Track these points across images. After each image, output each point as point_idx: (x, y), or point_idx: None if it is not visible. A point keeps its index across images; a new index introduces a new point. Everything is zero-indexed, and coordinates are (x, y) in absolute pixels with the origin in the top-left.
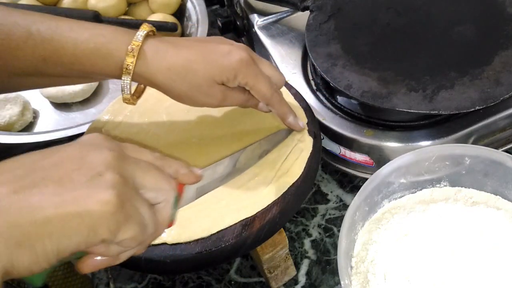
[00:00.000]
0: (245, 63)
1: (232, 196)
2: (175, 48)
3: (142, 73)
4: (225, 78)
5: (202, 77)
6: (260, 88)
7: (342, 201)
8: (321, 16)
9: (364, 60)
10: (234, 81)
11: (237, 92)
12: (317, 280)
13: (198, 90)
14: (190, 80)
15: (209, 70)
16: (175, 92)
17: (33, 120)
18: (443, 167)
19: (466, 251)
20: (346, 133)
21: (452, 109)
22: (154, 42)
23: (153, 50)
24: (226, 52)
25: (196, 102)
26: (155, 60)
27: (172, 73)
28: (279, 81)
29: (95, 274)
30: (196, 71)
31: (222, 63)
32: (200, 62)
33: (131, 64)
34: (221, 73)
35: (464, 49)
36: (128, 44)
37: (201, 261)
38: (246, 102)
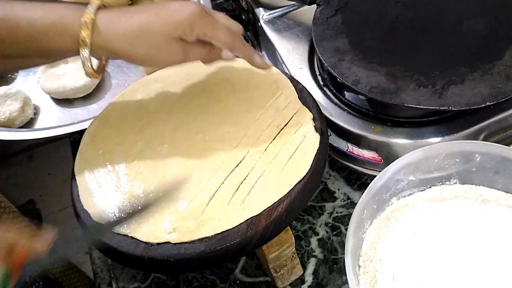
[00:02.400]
0: (198, 14)
1: (237, 194)
2: (128, 14)
3: (99, 43)
4: (181, 32)
5: (159, 36)
6: (220, 35)
7: (350, 198)
8: (328, 10)
9: (372, 55)
10: (192, 34)
11: (197, 46)
12: (324, 280)
13: (158, 49)
14: (148, 41)
15: (165, 27)
16: (136, 56)
17: (34, 116)
18: (453, 164)
19: (477, 250)
20: (354, 129)
21: (462, 105)
22: (107, 12)
23: (106, 19)
24: (177, 7)
25: (158, 62)
26: (110, 29)
27: (129, 38)
28: (237, 30)
29: (97, 273)
30: (152, 31)
31: (175, 18)
32: (155, 22)
33: (86, 36)
34: (176, 28)
35: (474, 43)
36: (81, 17)
37: (206, 260)
38: (208, 55)
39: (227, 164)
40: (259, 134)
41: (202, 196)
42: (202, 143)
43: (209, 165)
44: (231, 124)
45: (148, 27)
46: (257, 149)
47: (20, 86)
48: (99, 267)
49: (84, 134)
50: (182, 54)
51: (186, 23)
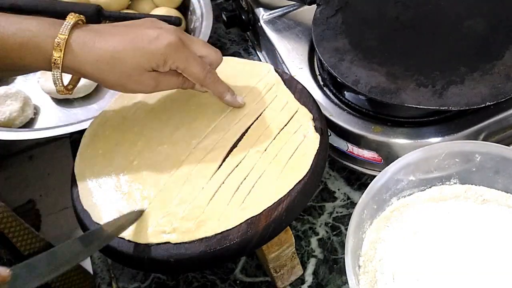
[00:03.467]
0: (174, 47)
1: (237, 194)
2: (103, 37)
3: (71, 66)
4: (154, 64)
5: (131, 66)
6: (192, 71)
7: (350, 198)
8: (328, 10)
9: (372, 55)
10: (165, 66)
11: (170, 76)
12: (324, 280)
13: (129, 79)
14: (119, 69)
15: (137, 58)
16: (106, 82)
17: (34, 116)
18: (452, 164)
19: (477, 250)
20: (354, 129)
21: (462, 105)
22: (81, 33)
23: (80, 42)
24: (153, 37)
25: (129, 90)
26: (82, 53)
27: (101, 65)
28: (215, 60)
29: (97, 273)
30: (124, 60)
31: (149, 49)
32: (128, 51)
33: (58, 58)
34: (149, 60)
35: (474, 43)
36: (55, 37)
37: (206, 260)
38: (182, 84)
39: (227, 164)
40: (259, 134)
41: (202, 196)
42: (202, 143)
43: (209, 165)
44: (231, 124)
45: (120, 56)
46: (257, 149)
47: (20, 86)
48: (99, 267)
49: (84, 134)
50: (154, 84)
51: (160, 56)
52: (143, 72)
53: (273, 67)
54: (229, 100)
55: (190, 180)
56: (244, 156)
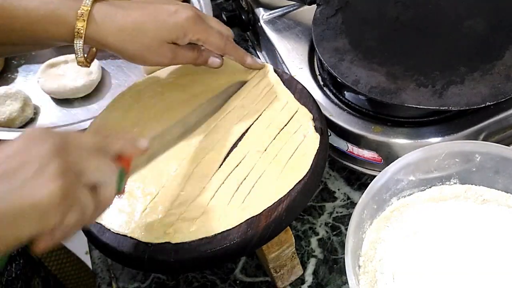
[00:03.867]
0: (192, 20)
1: (237, 194)
2: (124, 10)
3: (93, 36)
4: (174, 37)
5: (152, 37)
6: (213, 40)
7: (350, 198)
8: (328, 10)
9: (372, 55)
10: (184, 39)
11: (187, 50)
12: (324, 280)
13: (149, 50)
14: (141, 40)
15: (159, 30)
16: (126, 52)
17: (34, 116)
18: (452, 164)
19: (477, 249)
20: (354, 129)
21: (462, 105)
22: (103, 6)
23: (102, 13)
24: (173, 11)
25: (147, 61)
26: (105, 23)
27: (123, 35)
28: (228, 34)
29: (97, 273)
30: (146, 31)
31: (170, 22)
32: (150, 23)
33: (82, 28)
34: (170, 32)
35: (474, 43)
36: (78, 9)
37: (206, 260)
38: (196, 59)
39: (227, 164)
40: (259, 134)
41: (202, 196)
42: (202, 143)
43: (209, 165)
44: (231, 124)
45: (142, 27)
46: (257, 149)
47: (20, 86)
48: (99, 267)
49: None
50: (171, 56)
51: (180, 28)
52: (162, 43)
53: (273, 67)
54: (251, 62)
55: (190, 179)
56: (244, 156)
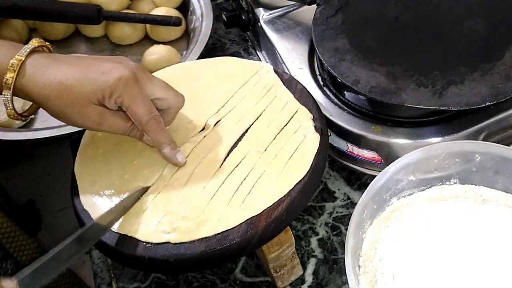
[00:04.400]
0: (124, 81)
1: (237, 194)
2: (58, 64)
3: (20, 87)
4: (100, 96)
5: (76, 95)
6: (136, 110)
7: (350, 198)
8: (328, 10)
9: (372, 55)
10: (110, 100)
11: (117, 117)
12: (324, 280)
13: (72, 108)
14: (64, 98)
15: (84, 88)
16: (50, 109)
17: (34, 116)
18: (452, 164)
19: (477, 249)
20: (354, 129)
21: (462, 105)
22: (38, 58)
23: (34, 65)
24: (107, 69)
25: (71, 121)
26: (33, 76)
27: (47, 89)
28: (174, 103)
29: (97, 273)
30: (71, 88)
31: (98, 80)
32: (76, 80)
33: (10, 78)
34: (95, 91)
35: (474, 43)
36: (11, 58)
37: (206, 260)
38: (129, 131)
39: (227, 164)
40: (259, 134)
41: (202, 196)
42: (202, 143)
43: (209, 165)
44: (231, 124)
45: (67, 84)
46: (257, 149)
47: None
48: (99, 267)
49: (84, 134)
50: (97, 120)
51: (107, 88)
52: (87, 103)
53: (273, 67)
54: (167, 154)
55: (190, 179)
56: (244, 156)
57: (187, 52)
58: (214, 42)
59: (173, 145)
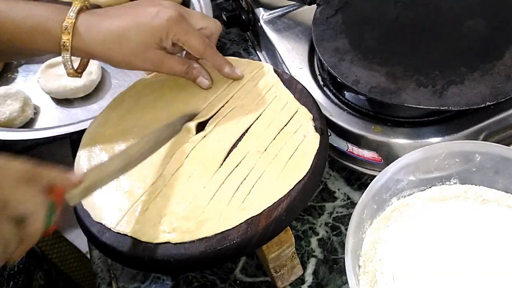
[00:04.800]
0: (174, 20)
1: (237, 194)
2: (108, 18)
3: (79, 47)
4: (157, 39)
5: (136, 42)
6: (192, 43)
7: (350, 198)
8: (328, 10)
9: (372, 55)
10: (167, 39)
11: (176, 61)
12: (324, 280)
13: (135, 55)
14: (125, 46)
15: (141, 34)
16: (113, 60)
17: (34, 116)
18: (452, 164)
19: (477, 249)
20: (354, 129)
21: (462, 105)
22: (87, 17)
23: (86, 24)
24: (154, 13)
25: (134, 67)
26: (89, 34)
27: (108, 43)
28: (215, 29)
29: (97, 273)
30: (130, 37)
31: (152, 24)
32: (132, 28)
33: (67, 40)
34: (152, 35)
35: (474, 43)
36: (63, 21)
37: (206, 260)
38: (185, 73)
39: (227, 164)
40: (259, 134)
41: (202, 196)
42: (202, 143)
43: (209, 165)
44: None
45: (125, 34)
46: (257, 149)
47: (20, 86)
48: (99, 267)
49: (84, 134)
50: (158, 62)
51: (162, 30)
52: (148, 48)
53: (273, 67)
54: (228, 72)
55: (190, 179)
56: (244, 156)
57: None
58: None
59: (230, 64)
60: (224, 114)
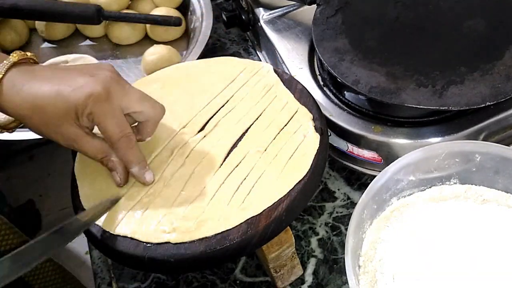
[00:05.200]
0: (94, 98)
1: (237, 194)
2: (33, 81)
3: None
4: (73, 115)
5: (50, 114)
6: (106, 128)
7: (350, 198)
8: (328, 10)
9: (372, 55)
10: (83, 117)
11: (93, 144)
12: (324, 280)
13: (47, 127)
14: (39, 116)
15: (57, 107)
16: (28, 126)
17: None
18: (452, 164)
19: (477, 250)
20: (354, 129)
21: (462, 105)
22: (16, 74)
23: (12, 83)
24: (79, 86)
25: (48, 137)
26: (10, 94)
27: (23, 109)
28: (153, 116)
29: (97, 273)
30: (44, 107)
31: (70, 97)
32: (50, 98)
33: None
34: (68, 110)
35: (474, 43)
36: None
37: (206, 260)
38: (100, 161)
39: (227, 164)
40: (259, 134)
41: (202, 196)
42: (202, 143)
43: (209, 165)
44: (231, 124)
45: (41, 103)
46: (257, 149)
47: None
48: (99, 267)
49: None
50: (71, 140)
51: (78, 106)
52: (62, 123)
53: (273, 67)
54: (135, 173)
55: (190, 179)
56: (244, 156)
57: (187, 52)
58: (214, 42)
59: (143, 163)
60: (224, 114)
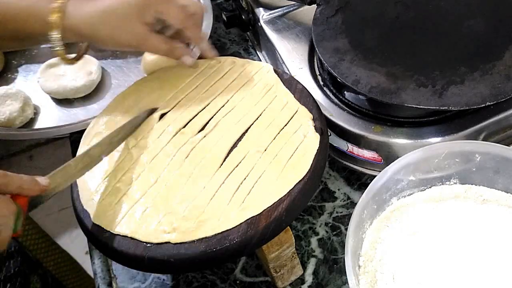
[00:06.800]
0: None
1: (237, 194)
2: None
3: (67, 26)
4: (140, 13)
5: (121, 16)
6: (172, 13)
7: (350, 198)
8: (328, 10)
9: (372, 55)
10: (149, 13)
11: (160, 39)
12: (324, 280)
13: (119, 29)
14: (110, 22)
15: (125, 8)
16: (99, 37)
17: (34, 116)
18: (453, 164)
19: (477, 250)
20: (354, 129)
21: (462, 105)
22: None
23: (74, 4)
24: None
25: (119, 43)
26: (77, 13)
27: (93, 20)
28: (198, 10)
29: (97, 273)
30: (113, 12)
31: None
32: (116, 5)
33: (58, 18)
34: (135, 9)
35: (474, 43)
36: (53, 2)
37: (206, 260)
38: (169, 52)
39: (227, 164)
40: (259, 134)
41: (202, 196)
42: (202, 143)
43: (209, 165)
44: (231, 124)
45: (110, 9)
46: (257, 149)
47: (20, 86)
48: (99, 267)
49: (84, 134)
50: (142, 38)
51: (145, 3)
52: (132, 22)
53: (273, 67)
54: (204, 47)
55: (190, 179)
56: (244, 156)
57: None
58: (214, 42)
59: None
60: (224, 114)
